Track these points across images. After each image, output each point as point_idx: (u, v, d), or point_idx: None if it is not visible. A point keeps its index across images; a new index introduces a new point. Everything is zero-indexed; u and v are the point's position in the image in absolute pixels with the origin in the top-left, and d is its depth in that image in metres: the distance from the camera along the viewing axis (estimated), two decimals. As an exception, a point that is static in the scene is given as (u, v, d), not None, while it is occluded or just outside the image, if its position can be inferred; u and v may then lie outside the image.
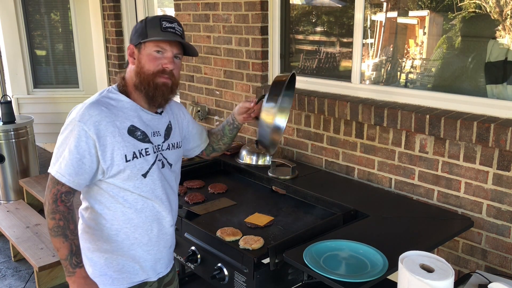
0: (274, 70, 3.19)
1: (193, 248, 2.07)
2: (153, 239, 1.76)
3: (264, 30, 3.11)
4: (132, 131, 1.66)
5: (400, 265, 1.48)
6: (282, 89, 1.86)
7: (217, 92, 3.56)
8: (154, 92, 1.67)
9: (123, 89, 1.72)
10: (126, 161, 1.63)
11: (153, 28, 1.65)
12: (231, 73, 3.39)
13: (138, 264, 1.76)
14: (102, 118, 1.60)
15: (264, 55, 3.15)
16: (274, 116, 1.90)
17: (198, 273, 2.10)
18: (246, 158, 2.85)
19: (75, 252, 1.59)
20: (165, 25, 1.67)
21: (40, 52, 5.81)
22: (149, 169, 1.69)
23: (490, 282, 1.71)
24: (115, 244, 1.71)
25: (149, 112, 1.73)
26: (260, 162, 2.81)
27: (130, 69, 1.71)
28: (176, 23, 1.71)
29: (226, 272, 1.90)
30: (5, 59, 5.52)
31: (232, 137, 2.11)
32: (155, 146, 1.73)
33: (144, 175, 1.68)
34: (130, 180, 1.66)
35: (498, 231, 2.17)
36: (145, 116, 1.72)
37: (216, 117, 3.63)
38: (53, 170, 1.59)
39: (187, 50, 1.79)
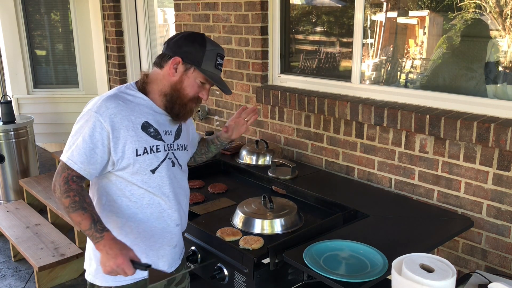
0: (274, 70, 3.19)
1: (193, 248, 2.07)
2: (156, 236, 1.76)
3: (264, 30, 3.11)
4: (146, 127, 1.69)
5: (393, 270, 1.47)
6: None
7: (217, 92, 3.55)
8: (180, 110, 1.75)
9: (143, 86, 1.75)
10: (137, 155, 1.66)
11: (209, 60, 1.74)
12: (231, 73, 3.39)
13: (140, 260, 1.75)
14: (118, 112, 1.63)
15: (264, 55, 3.15)
16: None
17: (198, 273, 2.10)
18: (246, 158, 2.85)
19: (97, 220, 1.58)
20: (218, 61, 1.77)
21: (40, 52, 5.81)
22: (158, 165, 1.71)
23: (490, 282, 1.71)
24: (119, 237, 1.68)
25: (163, 112, 1.76)
26: (260, 162, 2.81)
27: (164, 76, 1.73)
28: (223, 59, 1.82)
29: (226, 272, 1.90)
30: (5, 59, 5.52)
31: (215, 153, 2.21)
32: (167, 144, 1.75)
33: (153, 171, 1.70)
34: (138, 174, 1.68)
35: (498, 231, 2.17)
36: (159, 115, 1.75)
37: (216, 117, 3.63)
38: (64, 157, 1.62)
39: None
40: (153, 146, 1.70)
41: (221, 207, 2.32)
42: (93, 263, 1.75)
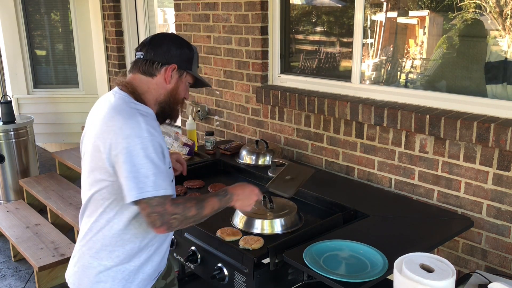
0: (274, 70, 3.19)
1: (193, 248, 2.07)
2: (165, 248, 1.81)
3: (264, 30, 3.11)
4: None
5: (395, 270, 1.47)
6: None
7: (217, 92, 3.56)
8: (171, 114, 1.76)
9: (135, 97, 1.67)
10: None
11: (195, 62, 1.78)
12: (231, 73, 3.39)
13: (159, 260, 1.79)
14: (157, 126, 1.62)
15: (264, 55, 3.15)
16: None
17: (198, 273, 2.10)
18: (246, 158, 2.85)
19: (215, 194, 1.69)
20: (198, 61, 1.84)
21: (40, 52, 5.81)
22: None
23: (490, 282, 1.71)
24: (138, 251, 1.70)
25: None
26: (260, 162, 2.81)
27: (158, 84, 1.69)
28: None
29: (226, 272, 1.90)
30: (5, 59, 5.52)
31: None
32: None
33: (173, 180, 1.74)
34: None
35: (498, 231, 2.17)
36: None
37: (216, 117, 3.63)
38: (152, 192, 1.50)
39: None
40: (169, 162, 1.70)
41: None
42: (106, 285, 1.67)
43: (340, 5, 2.96)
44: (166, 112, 1.74)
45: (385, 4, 2.74)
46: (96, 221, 1.65)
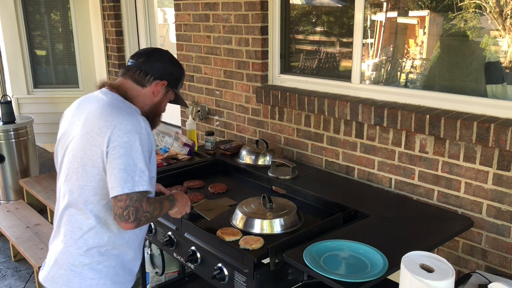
0: (274, 70, 3.19)
1: (193, 248, 2.07)
2: (142, 245, 1.92)
3: (264, 30, 3.11)
4: None
5: (402, 266, 1.48)
6: None
7: (217, 92, 3.56)
8: (155, 124, 1.87)
9: (131, 101, 1.76)
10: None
11: (182, 82, 1.93)
12: (231, 73, 3.39)
13: (140, 260, 1.91)
14: (151, 131, 1.73)
15: (264, 55, 3.15)
16: None
17: (198, 273, 2.10)
18: (246, 158, 2.85)
19: (166, 197, 1.86)
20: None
21: (40, 52, 5.81)
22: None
23: (490, 282, 1.71)
24: (124, 248, 1.78)
25: None
26: (260, 162, 2.81)
27: (146, 95, 1.80)
28: None
29: (226, 272, 1.90)
30: (5, 59, 5.52)
31: None
32: None
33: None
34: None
35: (498, 231, 2.17)
36: None
37: (216, 117, 3.63)
38: (133, 187, 1.58)
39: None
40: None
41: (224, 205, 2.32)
42: (94, 281, 1.71)
43: (340, 5, 2.96)
44: (150, 122, 1.78)
45: (385, 4, 2.74)
46: (88, 218, 1.68)
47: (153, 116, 1.83)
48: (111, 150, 1.57)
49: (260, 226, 2.03)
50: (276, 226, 2.04)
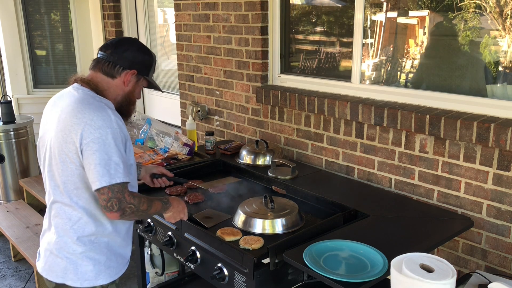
0: (274, 70, 3.19)
1: (193, 248, 2.07)
2: (130, 232, 1.98)
3: (264, 30, 3.11)
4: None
5: (392, 269, 1.48)
6: None
7: (217, 92, 3.56)
8: (125, 113, 1.90)
9: (98, 94, 1.80)
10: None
11: (153, 69, 1.95)
12: (231, 73, 3.39)
13: (130, 245, 1.98)
14: (122, 122, 1.77)
15: (264, 55, 3.15)
16: None
17: (198, 273, 2.10)
18: (246, 158, 2.85)
19: (160, 198, 1.90)
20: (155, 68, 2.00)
21: (40, 52, 5.81)
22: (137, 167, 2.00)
23: (490, 282, 1.71)
24: (112, 236, 1.85)
25: None
26: (260, 162, 2.81)
27: (117, 86, 1.84)
28: None
29: (226, 272, 1.90)
30: (5, 59, 5.51)
31: None
32: None
33: (139, 174, 1.95)
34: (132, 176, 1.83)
35: (498, 231, 2.17)
36: None
37: (216, 117, 3.63)
38: (114, 179, 1.65)
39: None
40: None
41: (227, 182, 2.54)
42: (88, 268, 1.80)
43: (340, 5, 2.97)
44: (122, 112, 1.86)
45: (385, 4, 2.74)
46: (74, 210, 1.76)
47: (127, 105, 1.89)
48: (85, 147, 1.65)
49: (262, 226, 2.04)
50: (277, 226, 2.04)
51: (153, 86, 1.99)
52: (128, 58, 1.83)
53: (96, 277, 1.80)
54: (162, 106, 4.79)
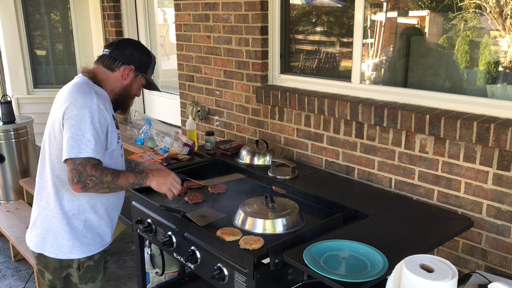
0: (274, 70, 3.19)
1: (193, 248, 2.07)
2: (119, 205, 2.11)
3: (264, 30, 3.11)
4: (114, 117, 1.99)
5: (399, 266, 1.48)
6: None
7: (217, 92, 3.56)
8: (127, 105, 2.12)
9: (95, 82, 1.98)
10: (117, 142, 1.99)
11: (152, 68, 2.14)
12: (231, 73, 3.39)
13: (110, 228, 2.08)
14: (107, 104, 1.92)
15: (264, 55, 3.15)
16: None
17: (198, 273, 2.10)
18: (246, 158, 2.85)
19: (130, 170, 2.03)
20: (154, 69, 2.18)
21: (40, 52, 5.81)
22: (121, 149, 2.08)
23: (490, 282, 1.71)
24: (95, 208, 1.99)
25: None
26: (260, 162, 2.81)
27: (116, 78, 2.03)
28: None
29: (226, 272, 1.90)
30: (5, 59, 5.52)
31: None
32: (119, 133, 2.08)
33: (122, 155, 2.08)
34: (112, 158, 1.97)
35: (498, 231, 2.17)
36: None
37: (216, 117, 3.63)
38: (82, 153, 1.78)
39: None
40: (119, 133, 2.02)
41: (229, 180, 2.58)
42: (64, 241, 1.94)
43: (340, 5, 2.97)
44: (119, 103, 2.07)
45: (385, 4, 2.74)
46: (54, 184, 1.93)
47: (124, 97, 2.07)
48: (65, 122, 1.82)
49: (263, 226, 2.04)
50: (278, 226, 2.04)
51: (152, 85, 2.16)
52: (127, 55, 2.03)
53: (70, 251, 1.94)
54: (162, 106, 4.79)
